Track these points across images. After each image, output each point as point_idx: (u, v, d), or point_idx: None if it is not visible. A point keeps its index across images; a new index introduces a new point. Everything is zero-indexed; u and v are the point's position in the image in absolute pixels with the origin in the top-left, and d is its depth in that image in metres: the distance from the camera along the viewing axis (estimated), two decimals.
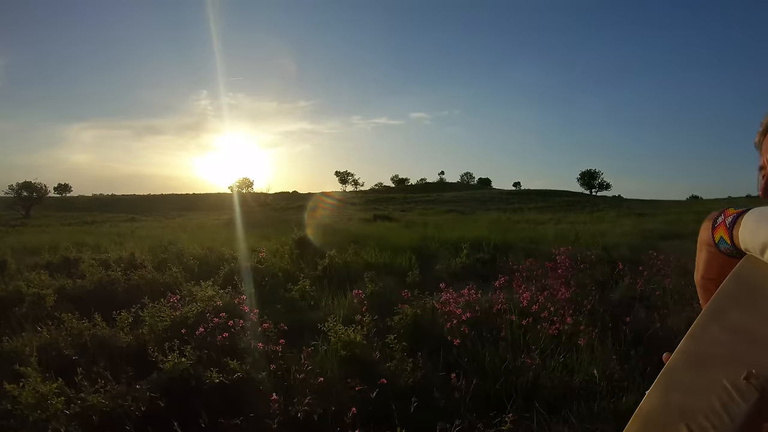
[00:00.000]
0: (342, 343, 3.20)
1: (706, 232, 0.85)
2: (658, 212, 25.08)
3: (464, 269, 6.69)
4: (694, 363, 0.68)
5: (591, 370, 2.77)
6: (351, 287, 4.94)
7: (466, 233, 10.54)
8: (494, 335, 3.34)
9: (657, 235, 11.59)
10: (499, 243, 9.00)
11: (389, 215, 24.44)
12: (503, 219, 19.88)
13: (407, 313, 3.75)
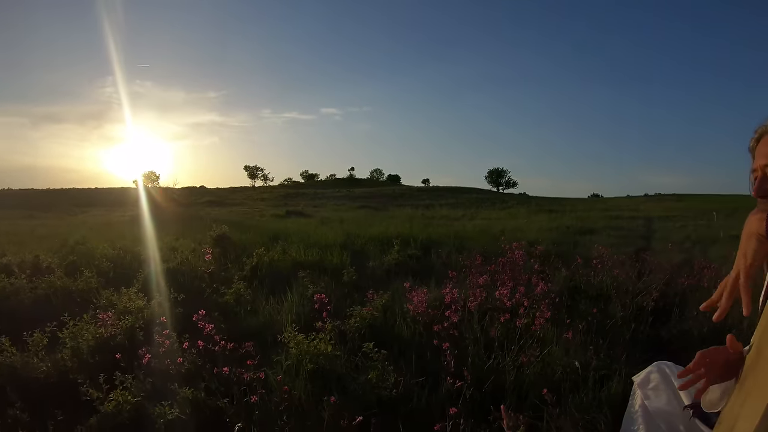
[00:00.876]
0: (309, 356, 2.98)
1: (760, 224, 1.02)
2: (565, 209, 26.64)
3: (397, 266, 6.69)
4: None
5: (572, 362, 2.87)
6: (287, 289, 4.76)
7: (388, 229, 10.62)
8: (474, 334, 3.36)
9: (574, 231, 12.30)
10: (425, 239, 9.10)
11: (302, 211, 24.20)
12: (418, 215, 20.18)
13: (363, 315, 3.66)
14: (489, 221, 16.54)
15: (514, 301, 3.32)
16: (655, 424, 1.86)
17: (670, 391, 1.92)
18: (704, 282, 4.50)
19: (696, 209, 22.09)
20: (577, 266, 5.39)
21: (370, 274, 6.20)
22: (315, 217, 18.43)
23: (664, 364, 2.05)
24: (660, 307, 4.19)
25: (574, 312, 3.94)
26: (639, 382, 2.04)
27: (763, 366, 0.94)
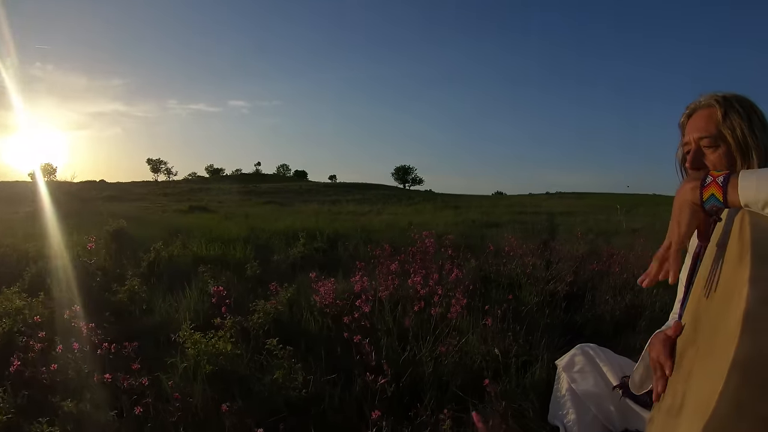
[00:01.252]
0: (207, 357, 2.67)
1: (693, 193, 1.02)
2: (471, 205, 27.51)
3: (303, 259, 6.49)
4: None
5: (491, 350, 2.77)
6: (186, 285, 4.39)
7: (294, 223, 10.41)
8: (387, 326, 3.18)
9: (480, 225, 12.59)
10: (332, 233, 8.97)
11: (206, 206, 23.43)
12: (324, 210, 20.08)
13: (268, 310, 3.40)
14: (396, 216, 16.72)
15: (428, 289, 3.19)
16: (584, 407, 1.85)
17: (596, 373, 1.91)
18: (615, 267, 4.60)
19: (596, 206, 23.50)
20: (487, 256, 5.43)
21: (275, 268, 5.98)
22: (219, 213, 17.82)
23: (588, 346, 2.04)
24: (573, 292, 4.25)
25: (489, 300, 3.90)
26: (563, 365, 2.01)
27: (706, 337, 0.96)
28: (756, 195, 0.92)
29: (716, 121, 1.35)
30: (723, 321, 0.85)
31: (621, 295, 4.07)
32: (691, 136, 1.39)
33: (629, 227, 10.70)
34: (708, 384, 0.80)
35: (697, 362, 0.98)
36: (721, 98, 1.38)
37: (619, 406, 1.81)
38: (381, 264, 4.10)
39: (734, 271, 0.90)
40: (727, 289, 0.92)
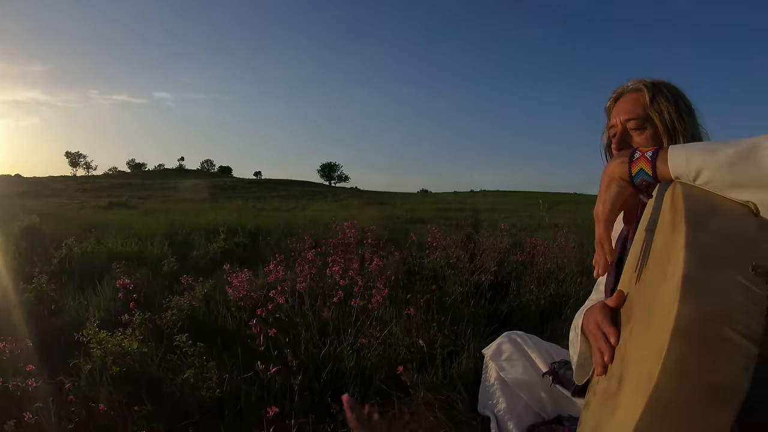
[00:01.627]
0: (113, 357, 2.42)
1: (621, 168, 1.01)
2: (396, 202, 27.78)
3: (223, 254, 6.25)
4: (709, 268, 0.73)
5: (415, 341, 2.67)
6: (99, 283, 4.07)
7: (216, 218, 10.12)
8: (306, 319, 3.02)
9: (404, 220, 12.67)
10: (253, 228, 8.75)
11: (127, 202, 22.86)
12: (248, 207, 19.70)
13: (182, 306, 3.15)
14: (321, 212, 16.65)
15: (348, 279, 3.05)
16: (515, 395, 1.80)
17: (525, 360, 1.89)
18: (539, 258, 4.65)
19: (519, 203, 24.24)
20: (411, 248, 5.39)
21: (194, 264, 5.71)
22: (140, 209, 17.12)
23: (514, 333, 2.01)
24: (497, 282, 4.24)
25: (412, 291, 3.83)
26: (491, 354, 1.96)
27: (640, 318, 0.93)
28: (687, 166, 0.91)
29: (644, 104, 1.36)
30: (658, 294, 0.83)
31: (545, 284, 4.11)
32: (618, 119, 1.40)
33: (551, 222, 11.04)
34: (647, 358, 0.77)
35: (632, 343, 0.94)
36: (649, 83, 1.39)
37: (551, 393, 1.78)
38: (301, 256, 3.94)
39: (667, 243, 0.87)
40: (659, 264, 0.90)
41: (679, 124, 1.33)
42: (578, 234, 7.10)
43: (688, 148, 0.94)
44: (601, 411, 1.03)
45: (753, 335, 0.68)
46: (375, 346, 2.61)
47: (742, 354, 0.67)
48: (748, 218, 0.84)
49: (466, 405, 2.07)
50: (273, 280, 2.87)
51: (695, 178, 0.90)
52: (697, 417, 0.69)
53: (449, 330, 2.98)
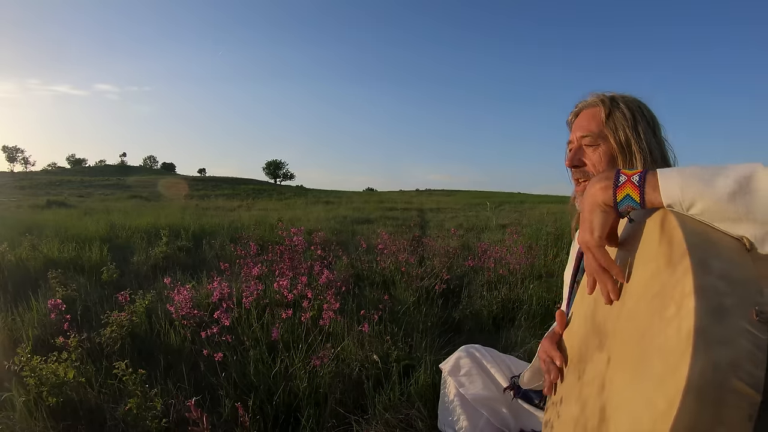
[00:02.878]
0: (49, 387, 2.20)
1: (605, 193, 0.95)
2: (342, 201, 27.71)
3: (166, 259, 6.01)
4: (717, 316, 0.70)
5: (369, 356, 2.59)
6: (32, 294, 3.76)
7: (158, 220, 9.77)
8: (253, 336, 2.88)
9: (351, 220, 12.65)
10: (197, 230, 8.50)
11: (65, 201, 21.77)
12: (192, 206, 19.20)
13: (121, 323, 2.95)
14: (266, 212, 16.42)
15: (296, 293, 2.94)
16: (476, 412, 1.79)
17: (485, 375, 1.87)
18: (489, 263, 4.65)
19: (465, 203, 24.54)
20: (359, 253, 5.33)
21: (135, 271, 5.45)
22: (79, 208, 16.29)
23: (472, 347, 1.96)
24: (449, 288, 4.22)
25: (363, 300, 3.77)
26: (449, 369, 1.93)
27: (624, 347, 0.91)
28: (681, 195, 0.84)
29: (599, 120, 1.36)
30: (651, 333, 0.80)
31: (497, 289, 4.10)
32: (575, 135, 1.41)
33: (498, 223, 11.20)
34: (649, 406, 0.74)
35: (616, 375, 0.91)
36: (608, 98, 1.38)
37: (512, 407, 1.77)
38: (246, 266, 3.79)
39: (659, 277, 0.83)
40: (647, 298, 0.86)
41: (634, 141, 1.31)
42: (525, 236, 7.23)
43: (683, 175, 0.87)
44: None
45: (758, 384, 0.66)
46: (327, 363, 2.52)
47: (747, 403, 0.66)
48: (744, 256, 0.80)
49: (426, 423, 2.02)
50: (217, 298, 2.70)
51: (688, 209, 0.85)
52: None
53: (403, 342, 2.92)
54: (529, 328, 3.31)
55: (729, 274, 0.75)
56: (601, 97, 1.39)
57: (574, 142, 1.41)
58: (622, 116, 1.34)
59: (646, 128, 1.34)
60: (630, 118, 1.33)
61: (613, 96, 1.39)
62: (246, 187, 50.71)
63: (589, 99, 1.43)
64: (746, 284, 0.74)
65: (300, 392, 2.32)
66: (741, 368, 0.67)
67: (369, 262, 5.13)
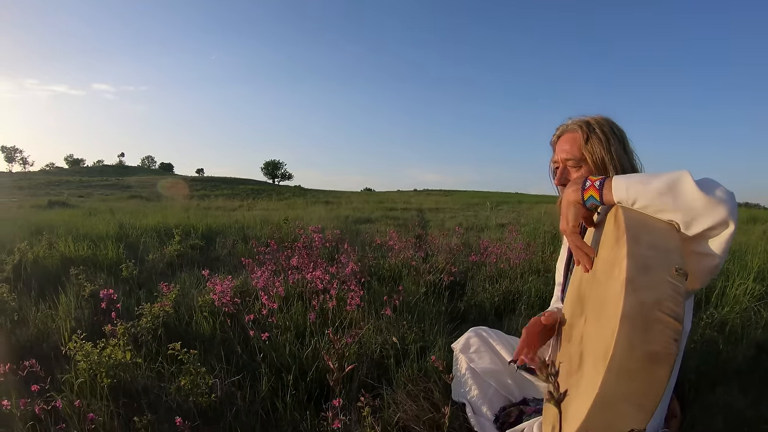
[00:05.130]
0: (105, 369, 2.41)
1: (576, 195, 1.35)
2: (341, 201, 27.76)
3: (180, 257, 6.22)
4: (644, 271, 1.04)
5: (389, 339, 2.89)
6: (60, 289, 3.99)
7: (167, 219, 9.97)
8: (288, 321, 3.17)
9: (352, 220, 12.84)
10: (205, 229, 8.69)
11: (66, 201, 21.86)
12: (193, 206, 19.25)
13: (155, 312, 3.17)
14: (268, 211, 16.45)
15: (325, 283, 3.23)
16: (485, 383, 2.08)
17: (491, 352, 2.17)
18: (492, 258, 4.93)
19: (462, 203, 24.65)
20: (368, 250, 5.58)
21: (152, 268, 5.65)
22: (81, 208, 16.35)
23: (480, 329, 2.30)
24: (453, 281, 4.49)
25: (375, 292, 4.04)
26: (460, 347, 2.24)
27: (593, 306, 1.26)
28: (626, 195, 1.23)
29: (580, 145, 1.66)
30: (607, 290, 1.13)
31: (498, 282, 4.39)
32: (559, 156, 1.71)
33: (497, 222, 11.41)
34: (603, 338, 1.05)
35: (588, 327, 1.25)
36: (585, 123, 1.68)
37: (516, 379, 2.06)
38: (267, 263, 4.04)
39: (612, 251, 1.19)
40: (606, 267, 1.21)
41: (608, 160, 1.61)
42: (524, 234, 7.51)
43: (628, 180, 1.25)
44: (565, 386, 1.29)
45: (678, 316, 0.97)
46: (353, 344, 2.82)
47: (671, 329, 0.97)
48: (671, 233, 1.16)
49: (443, 393, 2.31)
50: (262, 286, 3.00)
51: (633, 203, 1.22)
52: (643, 376, 0.98)
53: (417, 327, 3.22)
54: (528, 317, 3.57)
55: (656, 244, 1.10)
56: (580, 123, 1.68)
57: (559, 163, 1.71)
58: (598, 140, 1.62)
59: (617, 146, 1.63)
60: (605, 141, 1.62)
61: (588, 121, 1.68)
62: (245, 187, 50.72)
63: (569, 124, 1.73)
64: (669, 250, 1.09)
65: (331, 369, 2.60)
66: (663, 304, 0.99)
67: (376, 259, 5.38)
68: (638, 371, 0.98)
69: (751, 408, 2.43)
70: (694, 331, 3.24)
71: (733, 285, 4.07)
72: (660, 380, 0.97)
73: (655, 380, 0.97)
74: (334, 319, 3.06)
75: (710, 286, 4.18)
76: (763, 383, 2.72)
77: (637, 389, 0.98)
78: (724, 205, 1.11)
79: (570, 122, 1.73)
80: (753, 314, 3.69)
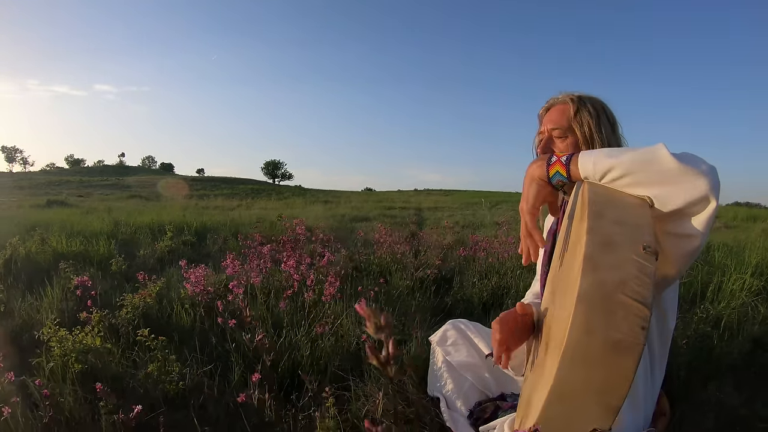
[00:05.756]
0: (76, 354, 2.41)
1: (540, 170, 1.25)
2: (341, 200, 27.80)
3: (171, 253, 6.21)
4: (606, 248, 0.93)
5: (365, 331, 2.82)
6: (47, 283, 3.97)
7: (161, 216, 9.99)
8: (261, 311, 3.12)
9: (349, 219, 12.87)
10: (199, 226, 8.69)
11: (66, 201, 21.89)
12: (192, 205, 19.29)
13: (136, 303, 3.14)
14: (266, 210, 16.53)
15: (301, 274, 3.17)
16: (461, 377, 2.00)
17: (469, 345, 2.10)
18: (481, 253, 4.86)
19: (462, 202, 24.65)
20: (357, 245, 5.54)
21: (142, 263, 5.63)
22: (81, 207, 16.40)
23: (458, 321, 2.23)
24: (442, 276, 4.45)
25: (360, 285, 3.98)
26: (437, 340, 2.17)
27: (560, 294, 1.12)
28: (593, 169, 1.13)
29: (568, 116, 1.56)
30: (571, 272, 1.01)
31: (487, 277, 4.31)
32: (545, 126, 1.61)
33: (493, 220, 11.38)
34: (561, 323, 0.95)
35: (555, 315, 1.13)
36: (576, 97, 1.59)
37: (493, 373, 1.99)
38: (251, 253, 4.01)
39: (578, 230, 1.08)
40: (573, 248, 1.09)
41: (597, 136, 1.51)
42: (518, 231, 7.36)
43: (595, 154, 1.15)
44: (533, 378, 1.22)
45: (645, 300, 0.85)
46: (328, 336, 2.75)
47: (637, 315, 0.85)
48: (642, 208, 1.04)
49: (417, 387, 2.23)
50: (231, 274, 2.93)
51: (601, 178, 1.11)
52: (604, 366, 0.86)
53: (397, 321, 3.16)
54: None
55: (623, 219, 0.99)
56: (571, 96, 1.60)
57: (545, 133, 1.61)
58: (588, 114, 1.53)
59: (607, 126, 1.54)
60: (595, 116, 1.54)
61: (581, 96, 1.59)
62: (245, 187, 50.82)
63: (559, 96, 1.64)
64: (637, 226, 0.98)
65: (303, 360, 2.55)
66: (627, 286, 0.87)
67: (367, 255, 5.34)
68: (598, 360, 0.86)
69: (745, 406, 2.33)
70: (687, 326, 3.15)
71: (730, 280, 3.96)
72: (625, 373, 0.85)
73: (619, 372, 0.85)
74: (310, 311, 2.99)
75: (706, 280, 4.12)
76: (758, 380, 2.63)
77: (597, 381, 0.87)
78: (705, 178, 0.99)
79: (560, 95, 1.65)
80: (750, 309, 3.58)
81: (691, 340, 3.00)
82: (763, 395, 2.43)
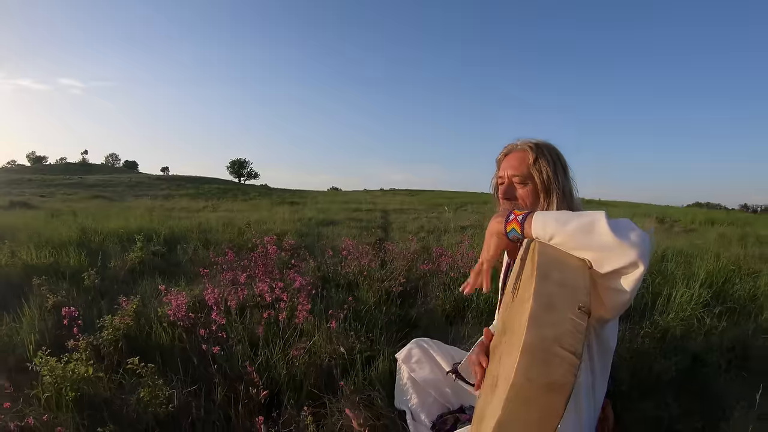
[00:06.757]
0: (69, 383, 2.55)
1: (499, 226, 1.44)
2: (306, 201, 27.70)
3: (141, 264, 6.22)
4: (548, 308, 1.11)
5: (337, 349, 3.05)
6: (22, 300, 4.01)
7: (129, 222, 9.87)
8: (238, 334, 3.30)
9: (316, 222, 12.98)
10: (168, 234, 8.67)
11: (28, 202, 21.05)
12: (157, 206, 18.95)
13: (117, 325, 3.27)
14: (232, 213, 16.30)
15: (274, 295, 3.36)
16: (425, 392, 2.25)
17: (432, 362, 2.30)
18: (442, 267, 5.09)
19: (427, 203, 24.79)
20: (325, 258, 5.69)
21: (113, 276, 5.63)
22: (43, 209, 15.91)
23: (422, 340, 2.41)
24: (406, 290, 4.67)
25: (330, 300, 4.18)
26: (402, 358, 2.37)
27: (511, 332, 1.29)
28: (543, 231, 1.31)
29: (528, 163, 1.71)
30: (520, 319, 1.18)
31: (450, 290, 4.54)
32: (506, 172, 1.76)
33: (458, 225, 11.59)
34: (510, 365, 1.14)
35: (505, 350, 1.34)
36: (534, 145, 1.74)
37: (454, 388, 2.23)
38: (224, 273, 4.14)
39: (527, 285, 1.27)
40: (522, 298, 1.29)
41: (554, 183, 1.67)
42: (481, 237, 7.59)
43: (546, 217, 1.33)
44: (485, 400, 1.44)
45: (577, 351, 1.04)
46: (302, 355, 2.97)
47: (570, 363, 1.03)
48: (582, 270, 1.23)
49: (385, 402, 2.49)
50: (212, 302, 3.09)
51: (550, 240, 1.30)
52: (540, 404, 1.06)
53: (365, 337, 3.38)
54: (475, 325, 3.77)
55: (565, 281, 1.17)
56: (530, 144, 1.74)
57: (505, 178, 1.76)
58: (546, 162, 1.68)
59: (561, 172, 1.70)
60: (552, 163, 1.69)
61: (539, 143, 1.74)
62: (210, 187, 49.89)
63: (518, 143, 1.78)
64: (576, 288, 1.15)
65: (280, 379, 2.77)
66: (563, 340, 1.05)
67: (334, 265, 5.48)
68: (535, 399, 1.05)
69: (681, 420, 2.56)
70: (633, 339, 3.42)
71: (679, 292, 4.22)
72: (555, 409, 1.05)
73: (551, 409, 1.05)
74: (284, 330, 3.20)
75: (656, 292, 4.41)
76: (695, 396, 2.86)
77: (534, 417, 1.07)
78: (635, 249, 1.18)
79: (519, 142, 1.78)
80: (696, 321, 3.85)
81: (635, 354, 3.24)
82: (699, 409, 2.68)
